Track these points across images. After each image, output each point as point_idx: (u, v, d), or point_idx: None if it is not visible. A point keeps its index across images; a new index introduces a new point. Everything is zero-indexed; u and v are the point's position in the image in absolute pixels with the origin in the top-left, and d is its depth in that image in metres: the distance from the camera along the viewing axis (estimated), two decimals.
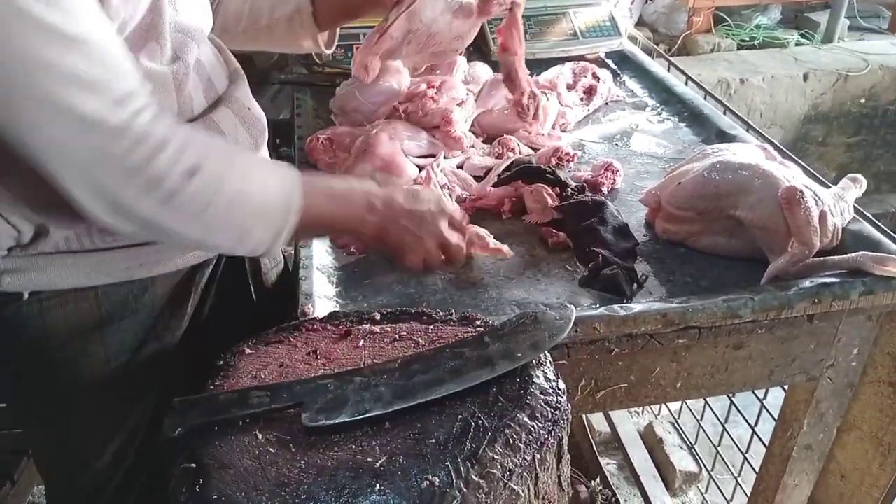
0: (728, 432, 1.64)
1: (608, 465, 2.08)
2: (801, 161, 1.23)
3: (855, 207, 1.12)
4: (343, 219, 0.85)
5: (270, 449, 0.66)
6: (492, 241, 1.07)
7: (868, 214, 1.13)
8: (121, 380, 0.90)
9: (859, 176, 1.14)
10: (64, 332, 0.85)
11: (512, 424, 0.66)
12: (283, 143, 1.79)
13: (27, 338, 0.85)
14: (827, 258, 1.01)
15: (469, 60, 1.61)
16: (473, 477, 0.62)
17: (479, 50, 1.80)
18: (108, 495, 0.95)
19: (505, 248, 1.08)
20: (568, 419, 0.70)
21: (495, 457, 0.64)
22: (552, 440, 0.67)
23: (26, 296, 0.82)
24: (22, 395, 0.93)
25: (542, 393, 0.70)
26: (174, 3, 0.82)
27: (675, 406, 2.08)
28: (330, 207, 0.83)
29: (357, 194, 0.85)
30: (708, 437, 1.80)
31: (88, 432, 0.92)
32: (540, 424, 0.67)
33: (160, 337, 0.93)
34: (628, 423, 2.15)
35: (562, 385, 0.72)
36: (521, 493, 0.64)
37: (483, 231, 1.09)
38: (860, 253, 1.01)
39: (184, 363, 0.93)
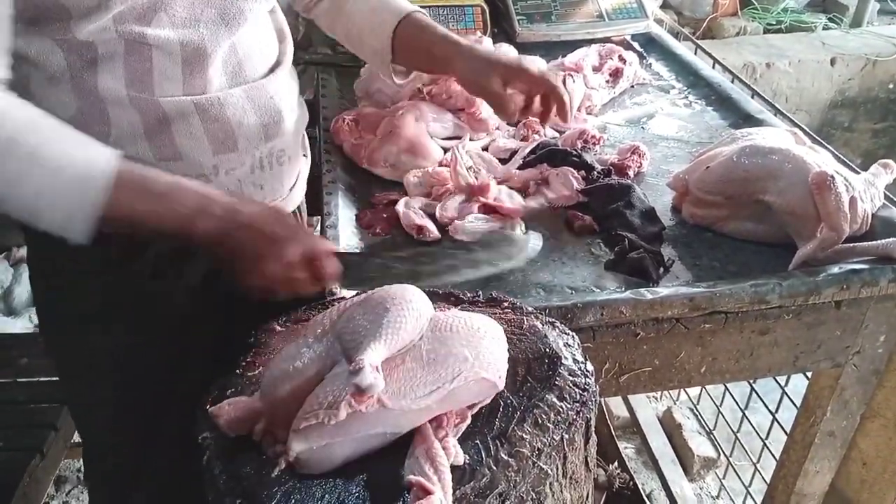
0: (748, 418, 1.64)
1: (626, 449, 2.08)
2: (829, 146, 1.21)
3: (885, 194, 1.11)
4: (164, 217, 0.75)
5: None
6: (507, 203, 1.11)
7: None
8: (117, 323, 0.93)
9: (891, 162, 1.12)
10: (68, 261, 0.88)
11: (541, 405, 0.67)
12: (308, 124, 1.80)
13: (40, 252, 0.93)
14: (856, 244, 1.00)
15: (495, 42, 1.60)
16: (503, 455, 0.62)
17: (504, 31, 1.79)
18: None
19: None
20: (596, 400, 0.71)
21: (524, 436, 0.64)
22: (580, 421, 0.68)
23: None
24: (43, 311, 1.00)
25: (570, 374, 0.70)
26: None
27: (694, 392, 2.08)
28: (147, 203, 0.74)
29: (189, 194, 0.76)
30: (727, 422, 1.79)
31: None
32: (568, 405, 0.68)
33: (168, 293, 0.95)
34: (647, 408, 2.15)
35: (590, 367, 0.72)
36: (549, 472, 0.64)
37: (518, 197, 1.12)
38: (890, 239, 1.00)
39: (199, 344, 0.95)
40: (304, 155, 1.09)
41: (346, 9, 1.11)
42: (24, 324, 2.23)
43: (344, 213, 1.13)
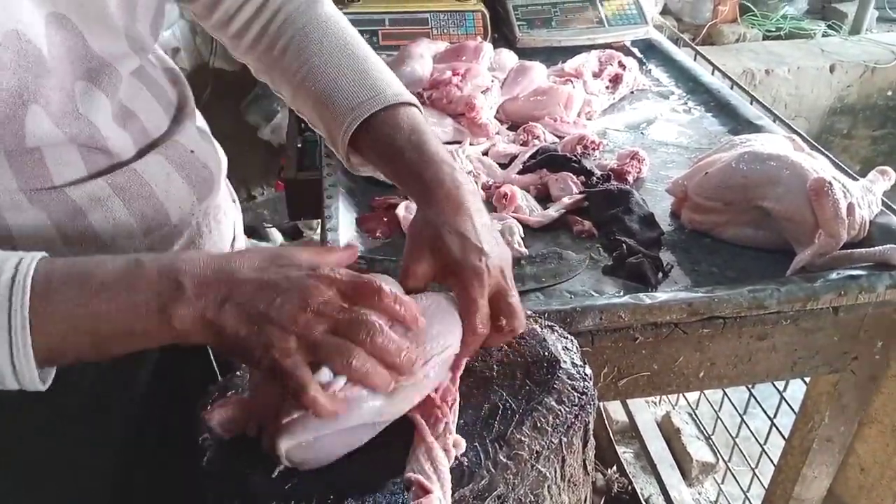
0: (746, 424, 1.64)
1: (625, 453, 2.08)
2: (828, 153, 1.22)
3: (883, 200, 1.12)
4: (122, 316, 0.54)
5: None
6: (517, 240, 1.06)
7: None
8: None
9: (889, 168, 1.13)
10: None
11: (539, 408, 0.67)
12: (308, 128, 1.80)
13: None
14: (854, 250, 1.01)
15: (495, 47, 1.61)
16: (501, 458, 0.63)
17: (504, 37, 1.80)
18: None
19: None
20: (594, 404, 0.71)
21: (523, 439, 0.65)
22: (579, 424, 0.68)
23: None
24: None
25: (569, 378, 0.71)
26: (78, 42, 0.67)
27: (693, 397, 2.09)
28: (91, 303, 0.54)
29: (145, 274, 0.55)
30: (726, 427, 1.80)
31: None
32: (567, 409, 0.68)
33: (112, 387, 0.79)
34: (646, 412, 2.16)
35: (588, 371, 0.72)
36: (547, 475, 0.65)
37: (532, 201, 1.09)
38: (888, 246, 1.00)
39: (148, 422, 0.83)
40: (233, 200, 0.97)
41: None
42: None
43: (344, 217, 1.13)
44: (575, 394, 0.70)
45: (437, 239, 0.70)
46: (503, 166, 1.30)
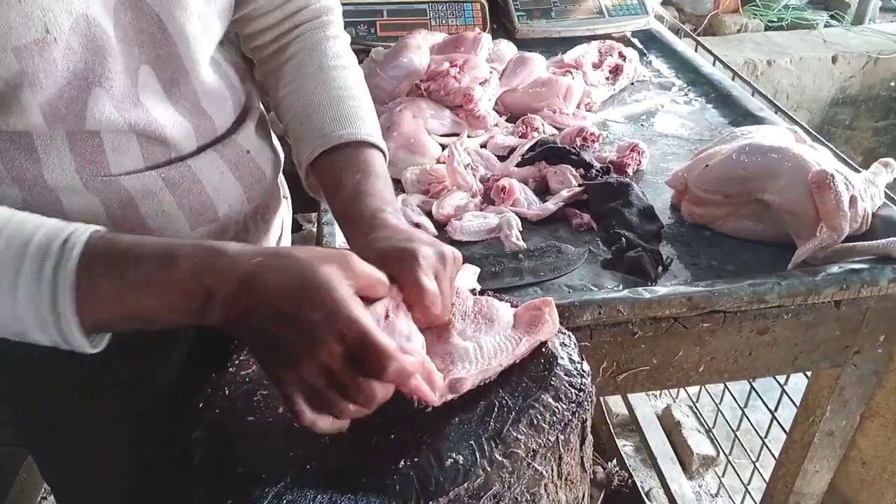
0: (747, 417, 1.64)
1: (625, 447, 2.08)
2: (830, 145, 1.21)
3: (886, 193, 1.10)
4: (157, 310, 0.57)
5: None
6: (515, 234, 1.06)
7: None
8: (101, 404, 0.83)
9: (891, 160, 1.12)
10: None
11: (536, 405, 0.66)
12: None
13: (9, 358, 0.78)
14: (856, 244, 1.00)
15: (494, 38, 1.59)
16: (497, 456, 0.62)
17: (503, 28, 1.78)
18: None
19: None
20: (592, 401, 0.70)
21: (519, 437, 0.64)
22: (576, 421, 0.67)
23: None
24: (19, 418, 0.89)
25: (566, 374, 0.70)
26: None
27: (693, 390, 2.08)
28: (126, 298, 0.56)
29: (178, 278, 0.56)
30: (727, 421, 1.79)
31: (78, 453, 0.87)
32: (564, 405, 0.67)
33: (146, 363, 0.83)
34: (646, 405, 2.15)
35: (586, 367, 0.71)
36: (544, 473, 0.64)
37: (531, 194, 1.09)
38: (891, 239, 0.99)
39: (174, 398, 0.84)
40: (284, 197, 0.98)
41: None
42: None
43: None
44: (572, 390, 0.69)
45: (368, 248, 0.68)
46: (501, 159, 1.28)
